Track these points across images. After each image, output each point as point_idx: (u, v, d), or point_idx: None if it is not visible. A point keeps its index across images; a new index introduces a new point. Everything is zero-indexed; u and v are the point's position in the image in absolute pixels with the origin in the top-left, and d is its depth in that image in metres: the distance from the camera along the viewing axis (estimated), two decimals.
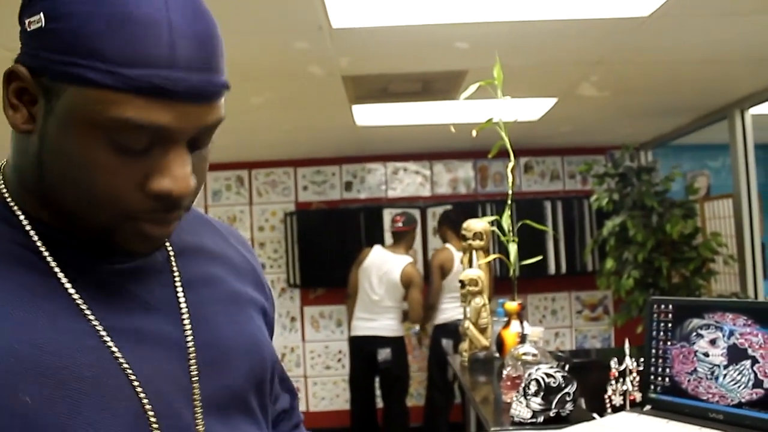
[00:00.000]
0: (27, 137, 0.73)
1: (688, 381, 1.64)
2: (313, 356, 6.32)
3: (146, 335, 0.76)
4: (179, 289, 0.82)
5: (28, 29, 0.70)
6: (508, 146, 2.45)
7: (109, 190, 0.70)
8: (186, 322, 0.80)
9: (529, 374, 1.75)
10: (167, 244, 0.84)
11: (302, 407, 5.40)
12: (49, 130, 0.70)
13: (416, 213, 6.14)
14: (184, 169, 0.71)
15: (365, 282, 5.01)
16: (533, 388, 1.71)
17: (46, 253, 0.74)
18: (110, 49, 0.66)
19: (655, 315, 1.74)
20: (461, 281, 2.58)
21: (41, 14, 0.68)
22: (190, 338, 0.79)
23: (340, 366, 6.27)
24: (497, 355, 2.51)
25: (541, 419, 1.70)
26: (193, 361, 0.78)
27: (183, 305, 0.81)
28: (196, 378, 0.78)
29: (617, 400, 2.04)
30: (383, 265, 4.95)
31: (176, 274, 0.83)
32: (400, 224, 5.02)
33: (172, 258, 0.84)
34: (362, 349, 5.03)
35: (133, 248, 0.76)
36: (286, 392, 1.10)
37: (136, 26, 0.66)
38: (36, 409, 0.66)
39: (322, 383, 6.31)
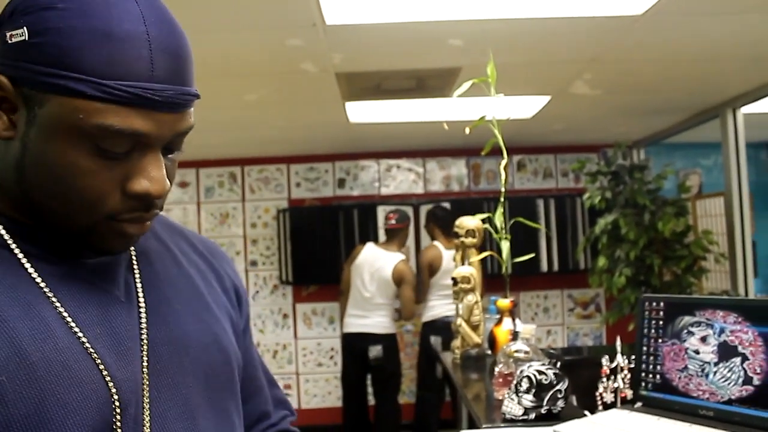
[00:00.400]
0: (5, 143, 0.76)
1: (679, 378, 1.65)
2: (305, 353, 6.32)
3: (109, 326, 0.79)
4: (139, 286, 0.85)
5: (9, 41, 0.73)
6: (501, 144, 2.46)
7: (91, 193, 0.75)
8: (143, 318, 0.83)
9: (521, 371, 1.75)
10: (132, 248, 0.88)
11: (294, 404, 5.40)
12: (32, 137, 0.74)
13: (409, 210, 6.15)
14: (160, 171, 0.77)
15: (357, 279, 5.01)
16: (525, 385, 1.72)
17: (13, 246, 0.77)
18: (94, 63, 0.71)
19: (647, 312, 1.75)
20: (454, 278, 2.59)
21: (24, 28, 0.72)
22: (144, 334, 0.82)
23: (332, 363, 6.27)
24: (489, 352, 2.52)
25: (532, 416, 1.71)
26: (145, 356, 0.81)
27: (141, 301, 0.84)
28: (146, 373, 0.81)
29: (608, 398, 2.05)
30: (375, 263, 4.96)
31: (137, 272, 0.86)
32: (393, 221, 5.03)
33: (134, 257, 0.87)
34: (354, 346, 5.03)
35: (111, 246, 0.80)
36: (280, 407, 1.11)
37: (118, 42, 0.72)
38: (12, 388, 0.69)
39: (314, 380, 6.31)
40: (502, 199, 2.54)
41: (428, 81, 3.94)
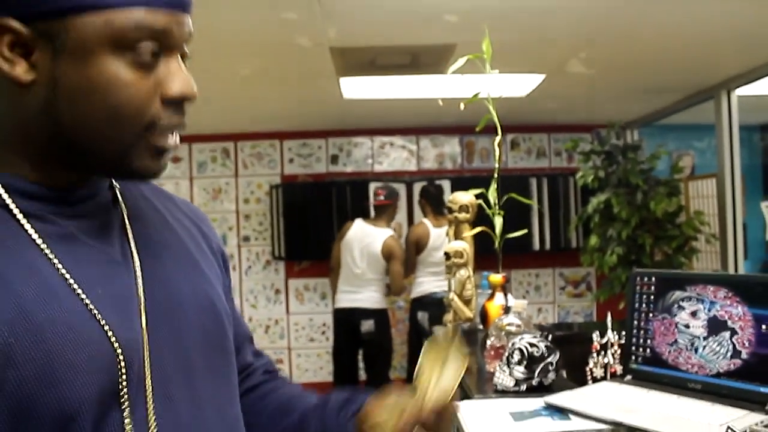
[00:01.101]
0: (22, 93, 0.76)
1: (669, 352, 1.67)
2: (297, 329, 6.34)
3: (110, 286, 0.80)
4: (133, 247, 0.86)
5: None
6: (496, 120, 2.46)
7: (136, 102, 0.77)
8: (139, 278, 0.84)
9: (513, 344, 1.77)
10: (123, 207, 0.89)
11: None
12: (64, 68, 0.75)
13: (401, 187, 6.16)
14: (187, 74, 0.81)
15: (347, 255, 5.03)
16: (516, 357, 1.73)
17: (12, 206, 0.77)
18: None
19: (638, 287, 1.77)
20: (446, 253, 2.60)
21: None
22: (141, 294, 0.83)
23: (324, 339, 6.30)
24: (481, 327, 2.53)
25: (523, 387, 1.73)
26: (144, 316, 0.82)
27: (137, 262, 0.85)
28: (146, 333, 0.82)
29: (598, 373, 2.07)
30: (365, 239, 4.98)
31: (131, 233, 0.87)
32: (381, 197, 5.04)
33: (126, 219, 0.88)
34: (345, 320, 5.06)
35: (147, 166, 0.82)
36: (259, 357, 1.17)
37: None
38: (21, 350, 0.70)
39: (306, 355, 6.34)
40: (495, 175, 2.55)
41: (423, 57, 3.93)
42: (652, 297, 1.73)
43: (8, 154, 0.80)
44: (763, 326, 1.50)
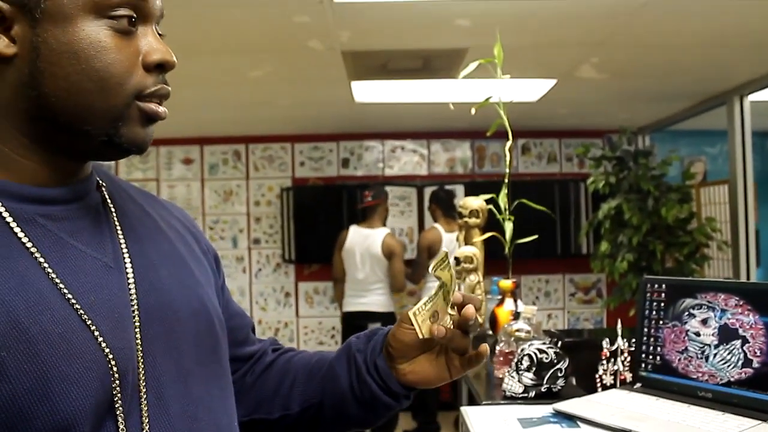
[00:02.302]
0: (3, 67, 0.76)
1: (679, 360, 1.66)
2: (306, 332, 6.35)
3: (102, 293, 0.79)
4: (125, 252, 0.85)
5: None
6: (507, 125, 2.45)
7: (119, 67, 0.78)
8: (131, 284, 0.83)
9: (522, 350, 1.76)
10: (113, 209, 0.88)
11: None
12: (45, 37, 0.75)
13: (412, 191, 6.17)
14: (164, 44, 0.82)
15: (350, 262, 5.05)
16: (526, 363, 1.73)
17: (2, 210, 0.76)
18: None
19: (649, 294, 1.76)
20: (456, 258, 2.59)
21: None
22: (134, 301, 0.82)
23: (333, 342, 6.30)
24: (490, 332, 2.53)
25: (532, 394, 1.72)
26: (137, 323, 0.82)
27: (129, 267, 0.84)
28: (140, 340, 0.81)
29: (608, 380, 2.06)
30: (364, 242, 4.99)
31: (122, 237, 0.86)
32: (369, 198, 5.05)
33: (116, 222, 0.87)
34: (353, 323, 5.06)
35: (136, 136, 0.81)
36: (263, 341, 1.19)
37: None
38: (13, 363, 0.69)
39: None
40: (506, 180, 2.54)
41: (435, 61, 3.93)
42: (662, 304, 1.72)
43: None
44: None
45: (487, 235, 2.65)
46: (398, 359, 1.02)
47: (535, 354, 1.72)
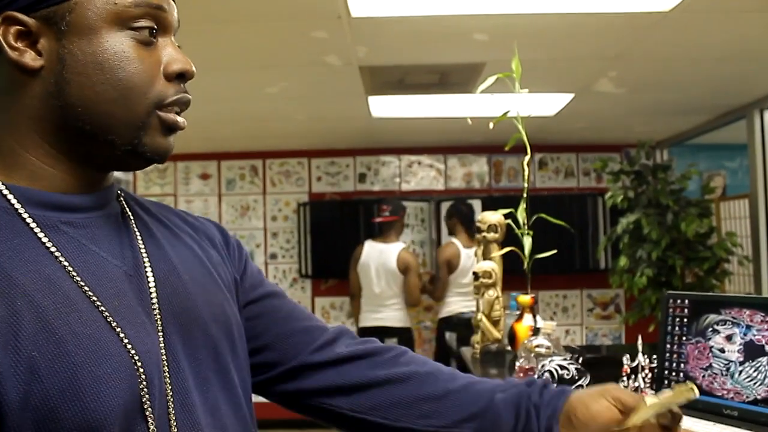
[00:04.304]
0: (29, 80, 0.78)
1: (703, 377, 1.63)
2: None
3: (125, 298, 0.80)
4: (146, 259, 0.86)
5: None
6: (525, 139, 2.44)
7: (140, 77, 0.80)
8: (153, 290, 0.84)
9: (542, 365, 1.74)
10: (132, 219, 0.89)
11: None
12: (71, 48, 0.78)
13: (428, 206, 6.16)
14: (183, 54, 0.85)
15: (365, 278, 5.03)
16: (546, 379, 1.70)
17: (26, 216, 0.77)
18: None
19: (671, 310, 1.73)
20: (475, 273, 2.58)
21: None
22: (156, 307, 0.83)
23: None
24: (509, 348, 2.50)
25: None
26: (160, 329, 0.82)
27: (150, 274, 0.85)
28: (163, 346, 0.82)
29: None
30: (379, 257, 4.97)
31: (141, 245, 0.87)
32: (386, 213, 5.04)
33: (136, 231, 0.88)
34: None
35: (158, 145, 0.83)
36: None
37: None
38: (45, 363, 0.69)
39: None
40: (524, 195, 2.53)
41: (452, 76, 3.93)
42: (685, 320, 1.69)
43: (20, 159, 0.80)
44: None
45: (506, 249, 2.63)
46: (576, 429, 0.95)
47: (556, 370, 1.70)
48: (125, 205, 0.90)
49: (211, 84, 3.71)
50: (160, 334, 0.82)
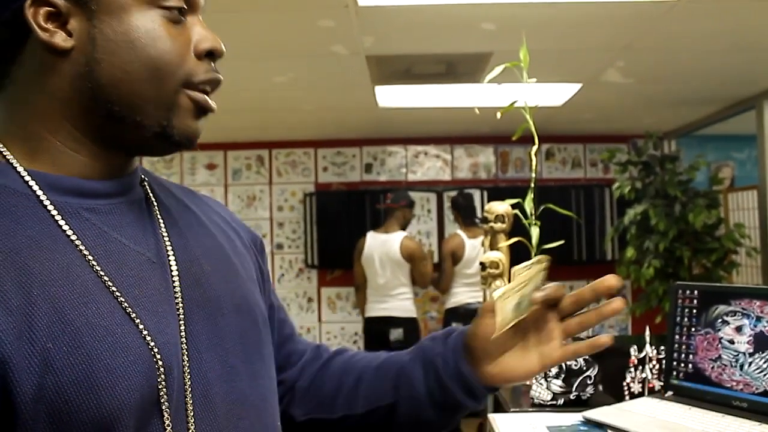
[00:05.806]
0: (59, 60, 0.77)
1: (712, 368, 1.62)
2: (329, 337, 6.34)
3: (146, 287, 0.79)
4: (169, 247, 0.85)
5: None
6: (533, 129, 2.42)
7: (171, 55, 0.80)
8: (176, 279, 0.83)
9: None
10: (156, 205, 0.88)
11: None
12: (102, 28, 0.77)
13: (432, 197, 6.15)
14: (212, 32, 0.85)
15: (370, 269, 5.02)
16: (554, 370, 1.70)
17: (47, 202, 0.76)
18: None
19: (680, 301, 1.72)
20: (482, 263, 2.57)
21: None
22: (179, 296, 0.82)
23: (355, 348, 6.27)
24: None
25: (561, 401, 1.69)
26: (182, 318, 0.81)
27: (173, 262, 0.84)
28: (184, 336, 0.81)
29: (636, 388, 2.02)
30: (382, 247, 4.96)
31: (165, 232, 0.86)
32: (388, 201, 5.04)
33: (159, 218, 0.87)
34: (375, 329, 5.04)
35: (188, 126, 0.83)
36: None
37: None
38: (59, 355, 0.68)
39: None
40: (532, 185, 2.51)
41: (459, 66, 3.91)
42: (694, 311, 1.69)
43: (44, 143, 0.79)
44: None
45: (513, 240, 2.62)
46: (482, 360, 0.96)
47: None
48: (149, 191, 0.89)
49: None
50: (182, 323, 0.81)
